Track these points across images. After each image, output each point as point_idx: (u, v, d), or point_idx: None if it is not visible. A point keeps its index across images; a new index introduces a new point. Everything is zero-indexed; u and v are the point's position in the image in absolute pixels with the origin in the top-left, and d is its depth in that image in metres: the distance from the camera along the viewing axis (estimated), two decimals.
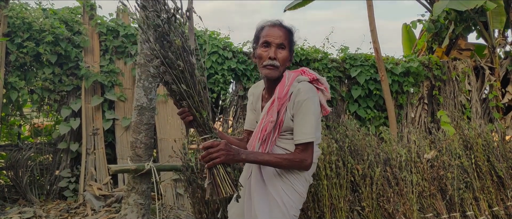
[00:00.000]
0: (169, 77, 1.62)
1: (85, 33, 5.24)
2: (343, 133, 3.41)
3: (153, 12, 1.64)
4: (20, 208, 4.44)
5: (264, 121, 1.86)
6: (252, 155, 1.74)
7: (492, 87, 6.90)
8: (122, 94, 5.31)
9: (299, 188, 1.89)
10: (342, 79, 6.54)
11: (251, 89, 2.14)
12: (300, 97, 1.80)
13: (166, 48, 1.61)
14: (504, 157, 3.94)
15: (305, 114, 1.79)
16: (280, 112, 1.83)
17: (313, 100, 1.82)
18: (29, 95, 5.03)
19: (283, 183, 1.87)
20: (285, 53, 1.86)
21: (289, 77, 1.88)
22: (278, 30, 1.86)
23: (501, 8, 6.99)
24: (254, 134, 1.91)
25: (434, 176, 3.40)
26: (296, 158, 1.80)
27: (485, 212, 3.58)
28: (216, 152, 1.61)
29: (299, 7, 7.72)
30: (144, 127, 3.56)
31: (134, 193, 3.50)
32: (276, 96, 1.84)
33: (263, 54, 1.85)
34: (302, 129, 1.79)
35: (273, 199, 1.85)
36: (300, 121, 1.80)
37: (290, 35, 1.90)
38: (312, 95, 1.82)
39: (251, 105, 2.12)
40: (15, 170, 4.85)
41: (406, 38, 8.54)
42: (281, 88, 1.84)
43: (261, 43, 1.86)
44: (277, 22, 1.90)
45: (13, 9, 4.86)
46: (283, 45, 1.85)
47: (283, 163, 1.79)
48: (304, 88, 1.82)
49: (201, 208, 3.09)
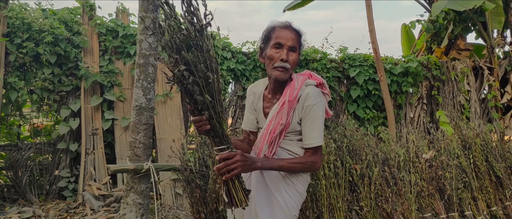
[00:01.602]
0: (197, 88, 1.57)
1: (85, 33, 5.25)
2: (341, 133, 3.41)
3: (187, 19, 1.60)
4: (20, 208, 4.45)
5: (274, 123, 1.85)
6: (267, 162, 1.76)
7: (491, 88, 6.91)
8: (121, 95, 5.32)
9: (300, 188, 1.91)
10: (341, 80, 6.55)
11: (250, 88, 2.11)
12: (309, 102, 1.82)
13: (195, 58, 1.57)
14: (503, 157, 3.94)
15: (315, 118, 1.82)
16: (288, 114, 1.84)
17: (321, 105, 1.85)
18: (28, 96, 5.04)
19: (286, 183, 1.88)
20: (296, 56, 1.87)
21: (299, 80, 1.89)
22: (290, 32, 1.86)
23: (499, 8, 7.00)
24: (262, 136, 1.89)
25: (432, 176, 3.40)
26: (308, 161, 1.83)
27: (483, 212, 3.59)
28: (233, 164, 1.61)
29: (299, 7, 7.73)
30: (143, 127, 3.57)
31: (133, 192, 3.51)
32: (287, 98, 1.84)
33: (275, 55, 1.84)
34: (311, 133, 1.82)
35: (275, 199, 1.86)
36: (310, 125, 1.83)
37: (300, 38, 1.90)
38: (320, 100, 1.85)
39: (250, 105, 2.09)
40: (14, 170, 4.86)
41: (405, 38, 8.55)
42: (291, 90, 1.85)
43: (273, 44, 1.85)
44: (288, 24, 1.89)
45: (12, 10, 4.87)
46: (294, 48, 1.85)
47: (297, 167, 1.83)
48: (313, 93, 1.84)
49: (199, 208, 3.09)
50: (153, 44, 3.62)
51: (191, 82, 1.56)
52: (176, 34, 1.57)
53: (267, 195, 1.87)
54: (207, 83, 1.59)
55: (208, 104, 1.60)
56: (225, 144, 1.66)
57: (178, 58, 1.58)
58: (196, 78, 1.56)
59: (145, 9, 3.63)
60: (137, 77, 3.61)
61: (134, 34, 5.43)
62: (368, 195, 3.16)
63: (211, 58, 1.61)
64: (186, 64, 1.57)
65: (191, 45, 1.59)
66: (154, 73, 3.67)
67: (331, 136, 3.34)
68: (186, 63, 1.57)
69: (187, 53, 1.55)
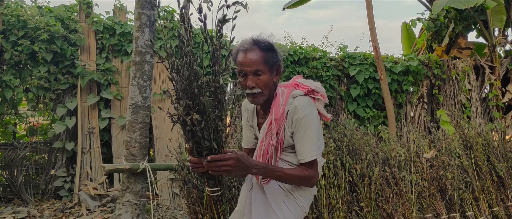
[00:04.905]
0: (206, 134, 1.57)
1: (81, 31, 5.19)
2: (341, 132, 3.35)
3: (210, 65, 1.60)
4: (14, 207, 4.39)
5: (264, 144, 1.79)
6: (264, 170, 1.70)
7: (492, 86, 6.85)
8: (118, 93, 5.26)
9: (302, 202, 1.84)
10: (341, 78, 6.49)
11: (243, 105, 2.03)
12: (298, 115, 1.72)
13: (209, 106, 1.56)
14: (504, 156, 3.89)
15: (306, 131, 1.72)
16: (278, 132, 1.77)
17: (311, 116, 1.74)
18: (24, 94, 4.98)
19: (286, 196, 1.82)
20: (265, 77, 1.73)
21: (283, 94, 1.78)
22: (251, 55, 1.72)
23: (501, 6, 6.95)
24: (256, 156, 1.84)
25: (433, 176, 3.35)
26: (305, 176, 1.75)
27: (485, 212, 3.54)
28: (224, 166, 1.58)
29: (298, 5, 7.67)
30: (139, 126, 3.51)
31: (128, 192, 3.45)
32: (272, 117, 1.76)
33: (243, 83, 1.76)
34: (304, 147, 1.73)
35: (273, 213, 1.79)
36: (301, 139, 1.74)
37: (267, 54, 1.75)
38: (310, 110, 1.74)
39: (246, 122, 2.01)
40: (10, 169, 4.80)
41: (405, 37, 8.49)
42: (276, 108, 1.76)
43: (238, 72, 1.76)
44: (249, 46, 1.74)
45: (8, 7, 4.80)
46: (259, 71, 1.72)
47: (293, 180, 1.76)
48: (301, 105, 1.73)
49: (196, 208, 3.03)
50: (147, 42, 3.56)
51: (201, 129, 1.55)
52: (196, 82, 1.53)
53: (266, 208, 1.81)
54: (217, 131, 1.58)
55: (212, 151, 1.60)
56: (218, 186, 1.73)
57: (191, 104, 1.55)
58: (208, 124, 1.55)
59: (142, 6, 3.57)
60: (133, 75, 3.55)
61: (132, 32, 5.37)
62: (368, 195, 3.10)
63: (223, 107, 1.60)
64: (198, 110, 1.55)
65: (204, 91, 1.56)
66: (150, 71, 3.61)
67: (331, 135, 3.29)
68: (198, 109, 1.55)
69: (204, 99, 1.53)
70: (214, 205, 1.81)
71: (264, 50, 1.75)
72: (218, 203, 1.83)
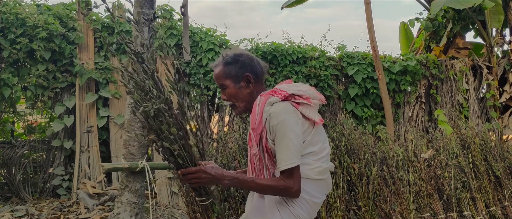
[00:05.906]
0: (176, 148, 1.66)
1: (80, 29, 5.18)
2: (339, 132, 3.36)
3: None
4: (13, 206, 4.39)
5: (250, 155, 1.80)
6: (236, 181, 1.71)
7: (489, 86, 6.88)
8: (116, 92, 5.26)
9: (297, 211, 1.76)
10: (339, 78, 6.50)
11: None
12: (273, 122, 1.68)
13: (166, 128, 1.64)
14: (502, 156, 3.91)
15: (282, 138, 1.67)
16: (261, 141, 1.73)
17: (288, 121, 1.67)
18: (22, 92, 4.97)
19: (280, 204, 1.76)
20: (229, 90, 1.81)
21: (260, 103, 1.75)
22: (215, 71, 1.83)
23: (499, 7, 6.96)
24: (248, 166, 1.86)
25: (431, 176, 3.37)
26: (280, 185, 1.68)
27: (482, 212, 3.55)
28: (194, 178, 1.67)
29: (296, 4, 7.67)
30: (138, 125, 3.51)
31: (127, 191, 3.45)
32: (250, 128, 1.78)
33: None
34: (280, 155, 1.67)
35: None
36: (278, 147, 1.68)
37: (228, 67, 1.80)
38: (285, 116, 1.68)
39: None
40: (8, 168, 4.80)
41: (403, 36, 8.51)
42: (253, 118, 1.74)
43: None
44: (217, 62, 1.85)
45: (6, 5, 4.79)
46: (223, 85, 1.82)
47: (267, 191, 1.72)
48: (275, 112, 1.68)
49: (195, 207, 3.04)
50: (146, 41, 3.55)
51: (164, 148, 1.66)
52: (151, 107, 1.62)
53: (260, 213, 1.81)
54: (186, 146, 1.67)
55: (180, 165, 1.69)
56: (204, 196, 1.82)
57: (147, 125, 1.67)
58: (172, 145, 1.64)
59: (141, 5, 3.57)
60: None
61: (130, 30, 5.36)
62: (366, 195, 3.12)
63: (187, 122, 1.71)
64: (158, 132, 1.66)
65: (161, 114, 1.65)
66: None
67: (329, 135, 3.30)
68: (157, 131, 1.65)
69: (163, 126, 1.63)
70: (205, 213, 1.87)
71: (225, 64, 1.82)
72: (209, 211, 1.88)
